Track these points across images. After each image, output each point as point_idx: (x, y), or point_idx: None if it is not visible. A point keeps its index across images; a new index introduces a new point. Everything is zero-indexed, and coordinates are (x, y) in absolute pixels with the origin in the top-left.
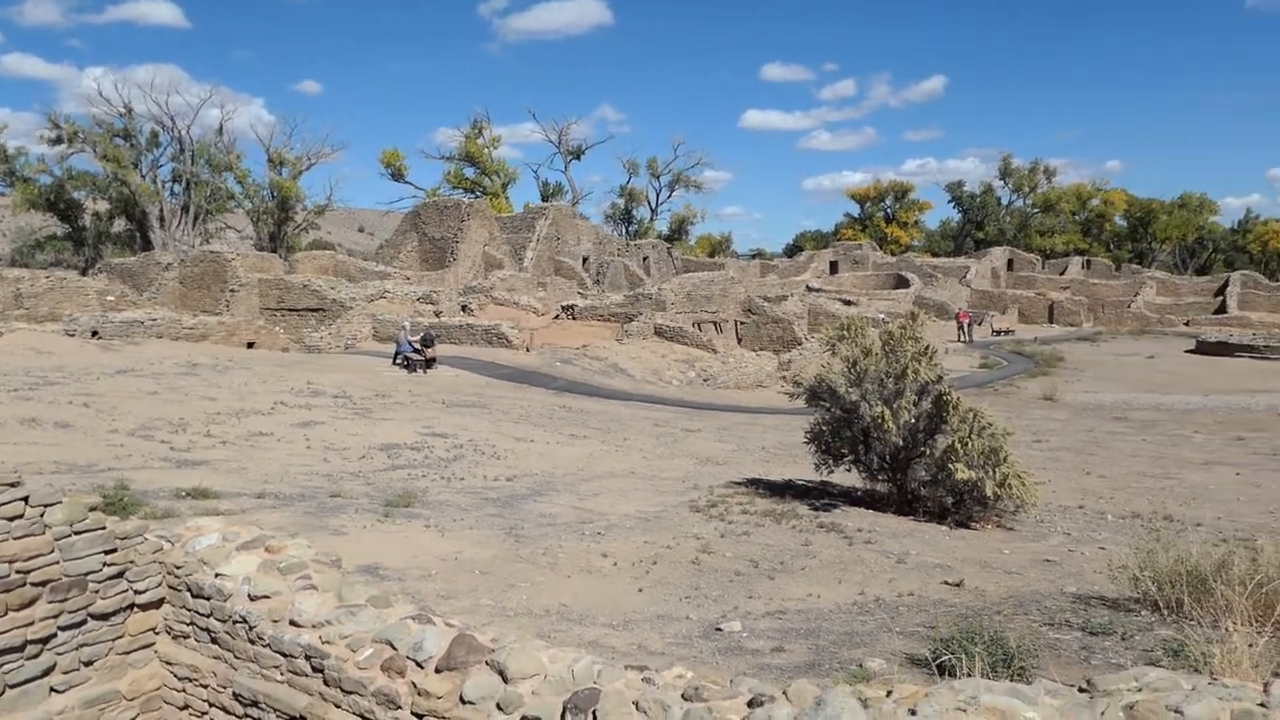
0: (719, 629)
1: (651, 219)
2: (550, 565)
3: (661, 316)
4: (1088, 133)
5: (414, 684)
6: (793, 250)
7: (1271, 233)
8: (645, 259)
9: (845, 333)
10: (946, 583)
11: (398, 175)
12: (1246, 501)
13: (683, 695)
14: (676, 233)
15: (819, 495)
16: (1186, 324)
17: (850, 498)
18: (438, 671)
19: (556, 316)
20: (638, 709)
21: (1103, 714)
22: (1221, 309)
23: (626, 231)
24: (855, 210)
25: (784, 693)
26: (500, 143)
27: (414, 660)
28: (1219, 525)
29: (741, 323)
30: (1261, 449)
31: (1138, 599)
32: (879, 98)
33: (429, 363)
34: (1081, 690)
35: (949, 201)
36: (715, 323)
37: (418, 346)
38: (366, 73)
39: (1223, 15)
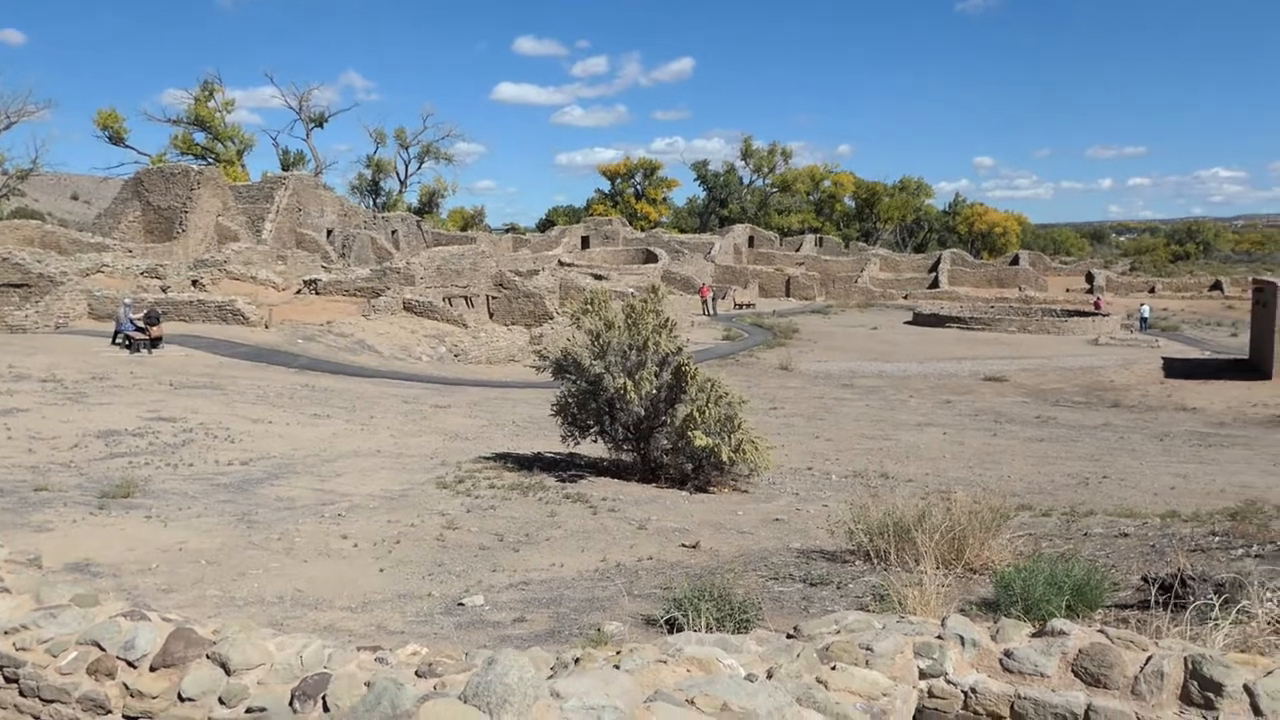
0: (461, 604)
1: (400, 191)
2: (285, 550)
3: (411, 291)
4: (821, 118)
5: (126, 685)
6: (545, 225)
7: (976, 215)
8: (394, 232)
9: (589, 306)
10: (684, 545)
11: (117, 138)
12: (951, 458)
13: (416, 672)
14: (427, 206)
15: (567, 467)
16: (905, 298)
17: (597, 468)
18: (153, 670)
19: (298, 291)
20: (370, 690)
21: (799, 655)
22: (935, 284)
23: (374, 204)
24: (606, 186)
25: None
26: (234, 107)
27: (125, 660)
28: (926, 480)
29: (493, 297)
30: (965, 411)
31: (853, 551)
32: (630, 76)
33: (154, 342)
34: (789, 636)
35: (695, 180)
36: (466, 297)
37: (141, 324)
38: (80, 24)
39: (936, 17)
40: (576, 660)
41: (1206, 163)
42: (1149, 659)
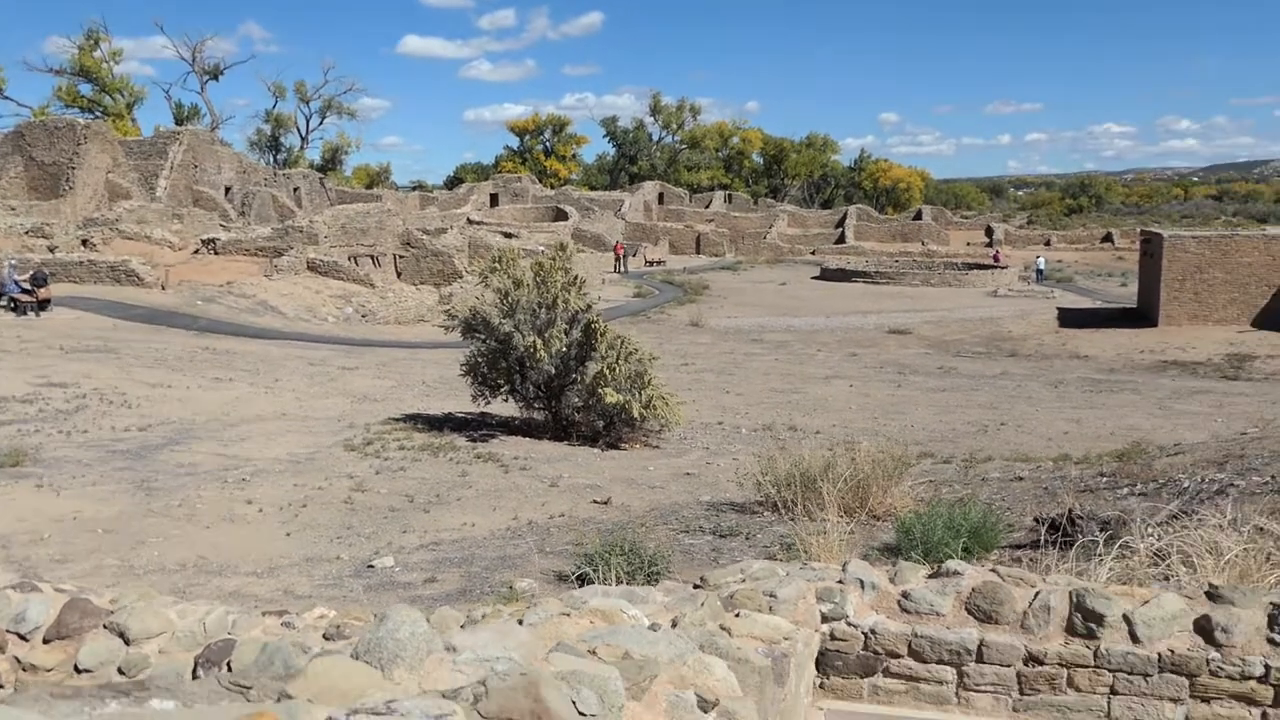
0: (371, 566)
1: (302, 147)
2: (187, 517)
3: (315, 250)
4: (730, 74)
5: (18, 659)
6: (453, 182)
7: (881, 171)
8: (296, 190)
9: (497, 265)
10: (595, 502)
11: None
12: (857, 410)
13: (324, 635)
14: (330, 163)
15: (478, 427)
16: (813, 253)
17: (508, 427)
18: (46, 643)
19: (196, 251)
20: (263, 650)
21: (703, 604)
22: (841, 239)
23: (274, 160)
24: (515, 143)
25: (427, 620)
26: (123, 57)
27: (17, 633)
28: (833, 432)
29: (401, 256)
30: (871, 363)
31: (761, 502)
32: (539, 30)
33: (42, 304)
34: (696, 587)
35: (605, 137)
36: (373, 257)
37: (27, 286)
38: None
39: None
40: (484, 617)
41: (1099, 118)
42: (1037, 594)
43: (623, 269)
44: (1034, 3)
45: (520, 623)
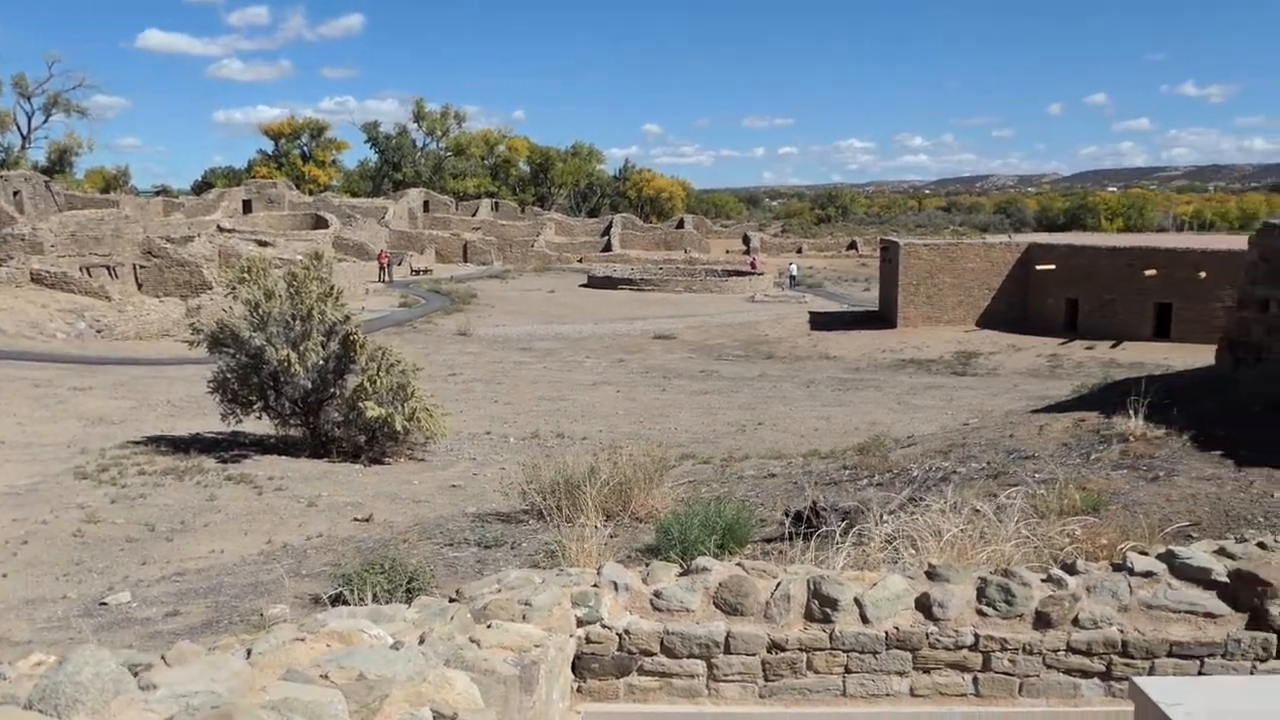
0: (104, 603)
1: (23, 147)
2: None
3: (40, 260)
4: (496, 82)
5: None
6: (202, 187)
7: (645, 180)
8: (17, 194)
9: (246, 275)
10: (357, 519)
11: None
12: (624, 414)
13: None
14: (58, 165)
15: (229, 447)
16: (580, 261)
17: (263, 446)
18: None
19: None
20: None
21: (453, 618)
22: (608, 247)
23: None
24: (270, 147)
25: (163, 658)
26: None
27: None
28: (600, 437)
29: (142, 266)
30: (637, 368)
31: (527, 510)
32: (294, 29)
33: None
34: (451, 600)
35: (366, 142)
36: (109, 267)
37: None
38: None
39: None
40: (212, 650)
41: (845, 134)
42: (778, 585)
43: (387, 278)
44: (783, 21)
45: (250, 651)
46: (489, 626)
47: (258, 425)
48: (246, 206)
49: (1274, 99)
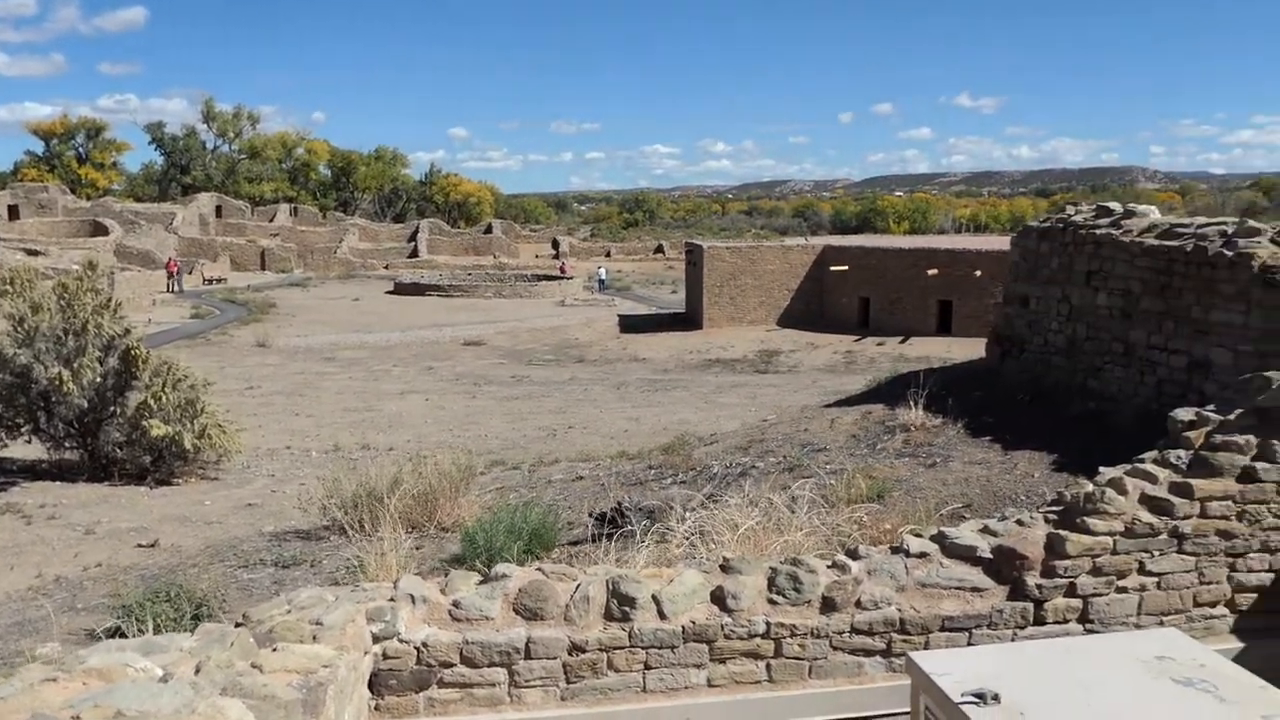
0: None
1: None
2: None
3: None
4: (295, 82)
5: None
6: None
7: (452, 185)
8: None
9: (9, 286)
10: (141, 546)
11: None
12: (433, 423)
13: None
14: None
15: None
16: (386, 267)
17: (34, 472)
18: None
19: None
20: None
21: (233, 644)
22: (414, 253)
23: None
24: (40, 148)
25: None
26: None
27: None
28: (408, 447)
29: None
30: (447, 376)
31: (328, 526)
32: (66, 22)
33: None
34: (238, 624)
35: (150, 143)
36: None
37: None
38: None
39: None
40: None
41: (650, 139)
42: (578, 587)
43: (178, 288)
44: (588, 27)
45: None
46: (274, 650)
47: (27, 450)
48: (13, 212)
49: (1038, 111)
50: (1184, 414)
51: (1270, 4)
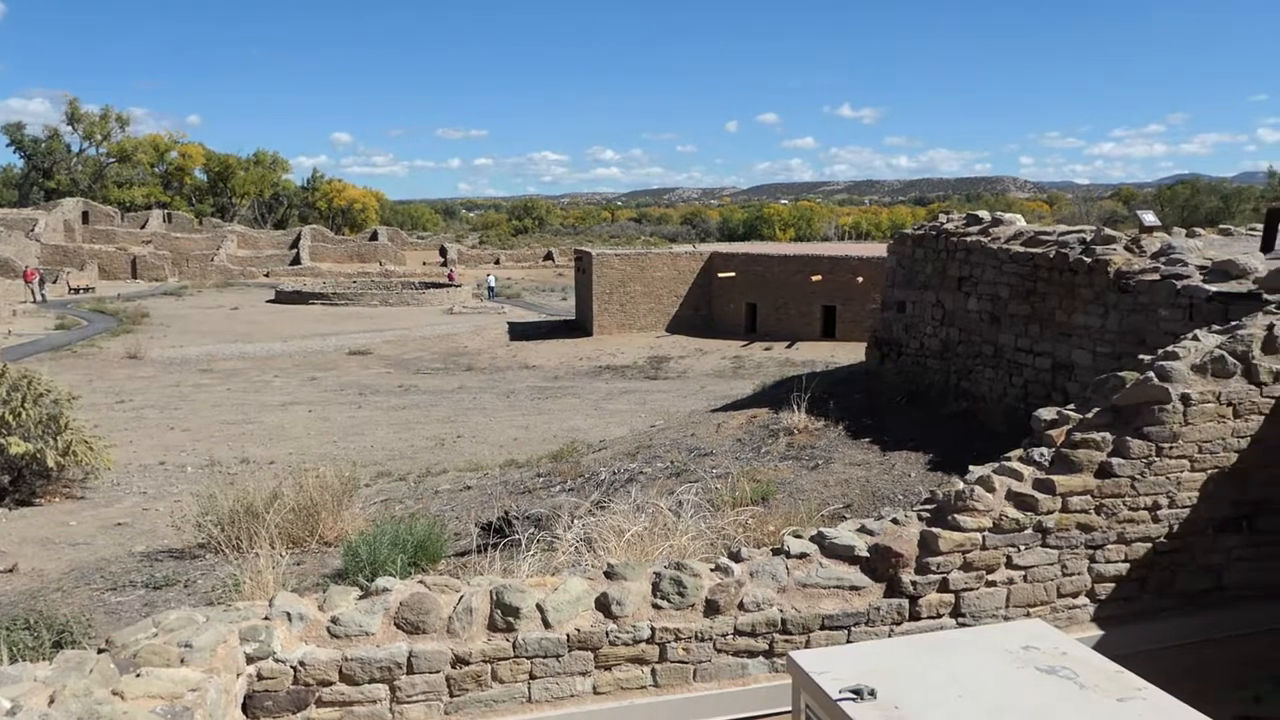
0: None
1: None
2: None
3: None
4: (169, 84)
5: None
6: None
7: (335, 191)
8: None
9: None
10: None
11: None
12: (317, 435)
13: None
14: None
15: None
16: (267, 275)
17: None
18: None
19: None
20: None
21: (91, 671)
22: (296, 261)
23: None
24: None
25: None
26: None
27: None
28: (290, 460)
29: None
30: (331, 386)
31: (204, 544)
32: None
33: None
34: (101, 650)
35: (9, 146)
36: None
37: None
38: None
39: None
40: None
41: (539, 146)
42: (461, 598)
43: (40, 297)
44: (474, 33)
45: None
46: (138, 675)
47: None
48: None
49: (915, 121)
50: (1046, 413)
51: (1129, 29)
